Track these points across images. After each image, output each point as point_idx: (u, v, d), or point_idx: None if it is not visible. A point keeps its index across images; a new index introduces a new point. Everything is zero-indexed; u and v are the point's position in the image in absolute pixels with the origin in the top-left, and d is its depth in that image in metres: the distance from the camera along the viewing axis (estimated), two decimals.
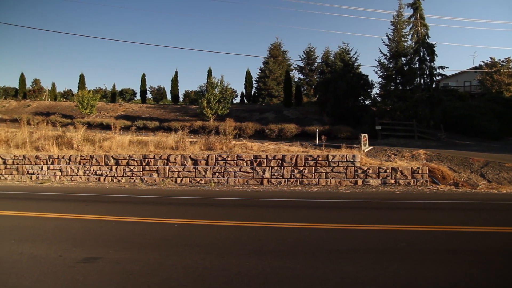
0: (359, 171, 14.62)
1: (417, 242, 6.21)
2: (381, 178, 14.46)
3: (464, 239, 6.46)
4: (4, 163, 17.48)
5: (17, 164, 17.36)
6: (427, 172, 14.41)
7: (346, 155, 14.86)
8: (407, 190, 13.22)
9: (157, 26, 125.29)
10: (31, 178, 16.93)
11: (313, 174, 14.77)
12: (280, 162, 15.02)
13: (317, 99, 36.13)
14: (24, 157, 17.36)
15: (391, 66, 28.51)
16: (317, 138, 23.00)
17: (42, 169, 17.03)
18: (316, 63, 46.55)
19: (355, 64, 31.63)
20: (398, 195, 12.01)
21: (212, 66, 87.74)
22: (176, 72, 42.38)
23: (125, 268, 5.02)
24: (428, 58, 28.03)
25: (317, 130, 24.16)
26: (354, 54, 31.88)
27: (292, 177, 14.84)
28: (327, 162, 14.81)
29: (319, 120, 30.53)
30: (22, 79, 46.57)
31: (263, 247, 5.98)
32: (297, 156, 15.04)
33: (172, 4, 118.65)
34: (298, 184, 14.66)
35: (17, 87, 47.11)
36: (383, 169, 14.53)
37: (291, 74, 40.92)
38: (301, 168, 14.85)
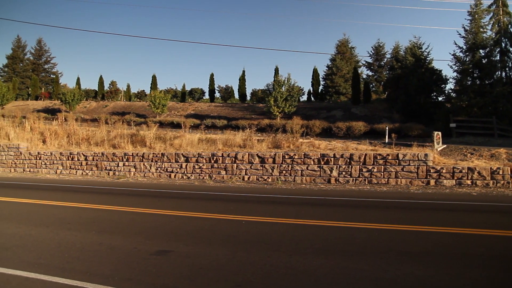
0: (432, 170, 13.98)
1: (498, 248, 5.84)
2: (455, 178, 13.72)
3: None
4: (86, 159, 18.80)
5: (97, 160, 18.59)
6: (509, 173, 13.42)
7: (418, 154, 14.27)
8: (485, 191, 12.41)
9: (225, 26, 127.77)
10: (108, 174, 18.05)
11: (382, 173, 14.36)
12: (348, 160, 14.76)
13: (386, 96, 34.97)
14: (102, 154, 18.55)
15: (467, 59, 26.80)
16: (386, 136, 22.29)
17: (118, 165, 18.10)
18: (385, 59, 45.01)
19: (427, 58, 30.16)
20: (475, 197, 11.32)
21: (279, 65, 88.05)
22: (244, 71, 42.98)
23: (194, 262, 5.22)
24: (511, 49, 26.03)
25: (387, 128, 23.40)
26: (426, 48, 30.41)
27: (361, 176, 14.53)
28: (397, 161, 14.33)
29: (389, 118, 29.54)
30: (100, 82, 49.70)
31: (331, 246, 5.94)
32: (365, 154, 14.70)
33: (238, 4, 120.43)
34: (366, 183, 14.33)
35: (97, 89, 50.35)
36: (458, 169, 13.77)
37: (359, 71, 39.88)
38: (370, 167, 14.50)
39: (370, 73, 46.85)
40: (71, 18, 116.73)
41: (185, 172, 16.81)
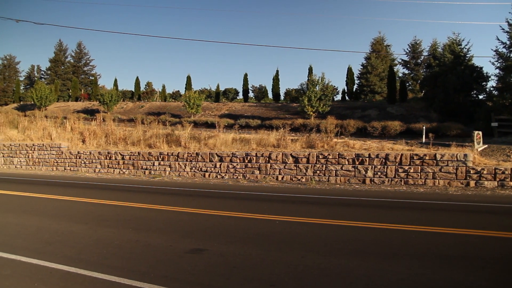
0: (472, 171, 13.52)
1: None
2: (498, 179, 13.21)
3: None
4: (123, 158, 19.28)
5: (133, 159, 19.03)
6: None
7: (457, 154, 13.83)
8: None
9: (259, 26, 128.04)
10: (144, 173, 18.45)
11: (419, 174, 14.01)
12: (384, 160, 14.49)
13: (423, 95, 34.05)
14: (138, 153, 18.98)
15: (511, 55, 25.74)
16: (423, 136, 21.72)
17: (154, 164, 18.46)
18: (422, 57, 43.89)
19: (467, 55, 29.13)
20: None
21: (313, 64, 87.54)
22: (277, 71, 42.97)
23: (228, 261, 5.26)
24: None
25: (424, 127, 22.79)
26: (466, 45, 29.40)
27: (396, 177, 14.23)
28: (434, 161, 13.94)
29: (426, 117, 28.76)
30: (137, 83, 50.84)
31: (366, 248, 5.85)
32: (401, 154, 14.38)
33: (272, 3, 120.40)
34: (402, 184, 14.02)
35: (133, 90, 51.57)
36: (501, 170, 13.25)
37: (395, 69, 38.98)
38: (406, 168, 14.17)
39: (406, 72, 45.78)
40: (109, 21, 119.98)
41: (219, 171, 16.96)
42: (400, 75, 44.29)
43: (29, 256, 5.51)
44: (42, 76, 65.15)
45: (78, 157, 20.55)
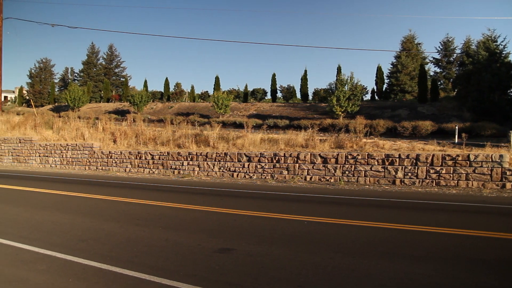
0: (508, 173, 13.07)
1: None
2: None
3: None
4: (152, 158, 19.60)
5: (162, 159, 19.32)
6: None
7: (492, 155, 13.40)
8: None
9: (287, 26, 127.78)
10: (173, 173, 18.70)
11: (451, 175, 13.65)
12: (414, 161, 14.19)
13: (456, 94, 33.24)
14: (168, 153, 19.24)
15: None
16: (456, 136, 21.19)
17: (182, 164, 18.68)
18: (454, 54, 42.79)
19: (503, 52, 28.18)
20: None
21: (342, 63, 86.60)
22: (306, 71, 42.90)
23: (256, 261, 5.27)
24: None
25: (456, 127, 22.22)
26: (501, 42, 28.48)
27: (427, 178, 13.91)
28: (468, 162, 13.55)
29: (458, 117, 28.03)
30: (166, 84, 51.70)
31: (396, 250, 5.75)
32: (433, 155, 14.05)
33: (300, 3, 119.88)
34: (434, 185, 13.70)
35: (162, 90, 52.40)
36: None
37: (426, 68, 38.12)
38: (438, 168, 13.83)
39: (438, 70, 44.74)
40: (139, 24, 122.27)
41: (248, 171, 17.02)
42: (432, 73, 43.32)
43: (63, 252, 5.68)
44: (76, 78, 67.09)
45: (109, 157, 21.03)
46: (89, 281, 4.58)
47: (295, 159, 16.04)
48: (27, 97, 61.60)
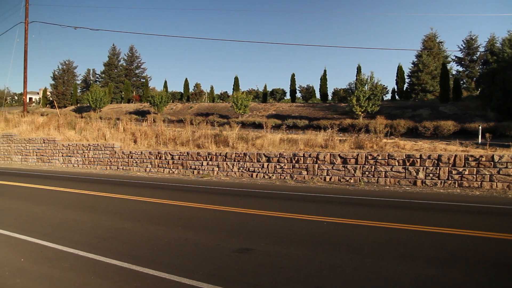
0: None
1: None
2: None
3: None
4: (172, 158, 19.77)
5: (182, 159, 19.47)
6: None
7: None
8: None
9: (305, 25, 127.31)
10: (193, 173, 18.82)
11: (474, 176, 13.37)
12: (436, 162, 13.95)
13: (479, 93, 32.51)
14: (187, 153, 19.38)
15: None
16: (479, 136, 20.74)
17: (202, 164, 18.79)
18: (478, 53, 41.87)
19: None
20: None
21: (361, 63, 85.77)
22: (325, 71, 42.56)
23: (275, 261, 5.26)
24: None
25: (480, 127, 21.74)
26: None
27: (450, 179, 13.66)
28: (492, 163, 13.25)
29: (482, 116, 27.43)
30: (186, 84, 52.08)
31: (417, 252, 5.66)
32: (455, 155, 13.78)
33: (319, 3, 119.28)
34: (456, 186, 13.44)
35: (182, 91, 52.81)
36: None
37: (448, 67, 37.46)
38: (460, 169, 13.57)
39: (461, 69, 43.80)
40: (160, 24, 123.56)
41: (267, 171, 17.01)
42: (454, 72, 42.48)
43: (85, 250, 5.78)
44: (97, 79, 68.20)
45: (130, 157, 21.30)
46: (111, 279, 4.65)
47: (315, 160, 15.96)
48: (51, 98, 63.00)
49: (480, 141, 19.92)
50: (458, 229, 6.90)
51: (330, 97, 44.81)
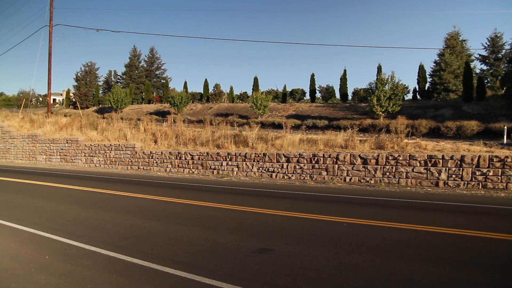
0: None
1: None
2: None
3: None
4: (192, 158, 19.91)
5: (202, 160, 19.58)
6: None
7: None
8: None
9: (325, 25, 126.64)
10: (212, 173, 18.91)
11: (499, 177, 13.06)
12: (459, 162, 13.68)
13: (504, 92, 31.78)
14: (207, 153, 19.48)
15: None
16: (504, 137, 20.28)
17: (222, 164, 18.86)
18: (503, 51, 40.93)
19: None
20: None
21: (382, 62, 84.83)
22: (345, 70, 42.22)
23: (295, 262, 5.23)
24: None
25: (505, 127, 21.23)
26: None
27: (473, 180, 13.38)
28: None
29: (507, 116, 26.78)
30: (205, 85, 52.41)
31: (439, 254, 5.55)
32: (479, 156, 13.49)
33: (339, 2, 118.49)
34: (480, 187, 13.16)
35: (202, 91, 53.15)
36: None
37: (471, 65, 36.70)
38: (484, 170, 13.28)
39: (485, 67, 42.92)
40: (179, 26, 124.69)
41: (286, 172, 16.96)
42: (478, 71, 41.65)
43: (107, 249, 5.87)
44: (118, 80, 69.24)
45: (150, 157, 21.54)
46: (131, 278, 4.70)
47: (334, 160, 15.84)
48: (74, 99, 64.30)
49: (505, 141, 19.47)
50: (483, 232, 6.74)
51: (350, 97, 44.46)
